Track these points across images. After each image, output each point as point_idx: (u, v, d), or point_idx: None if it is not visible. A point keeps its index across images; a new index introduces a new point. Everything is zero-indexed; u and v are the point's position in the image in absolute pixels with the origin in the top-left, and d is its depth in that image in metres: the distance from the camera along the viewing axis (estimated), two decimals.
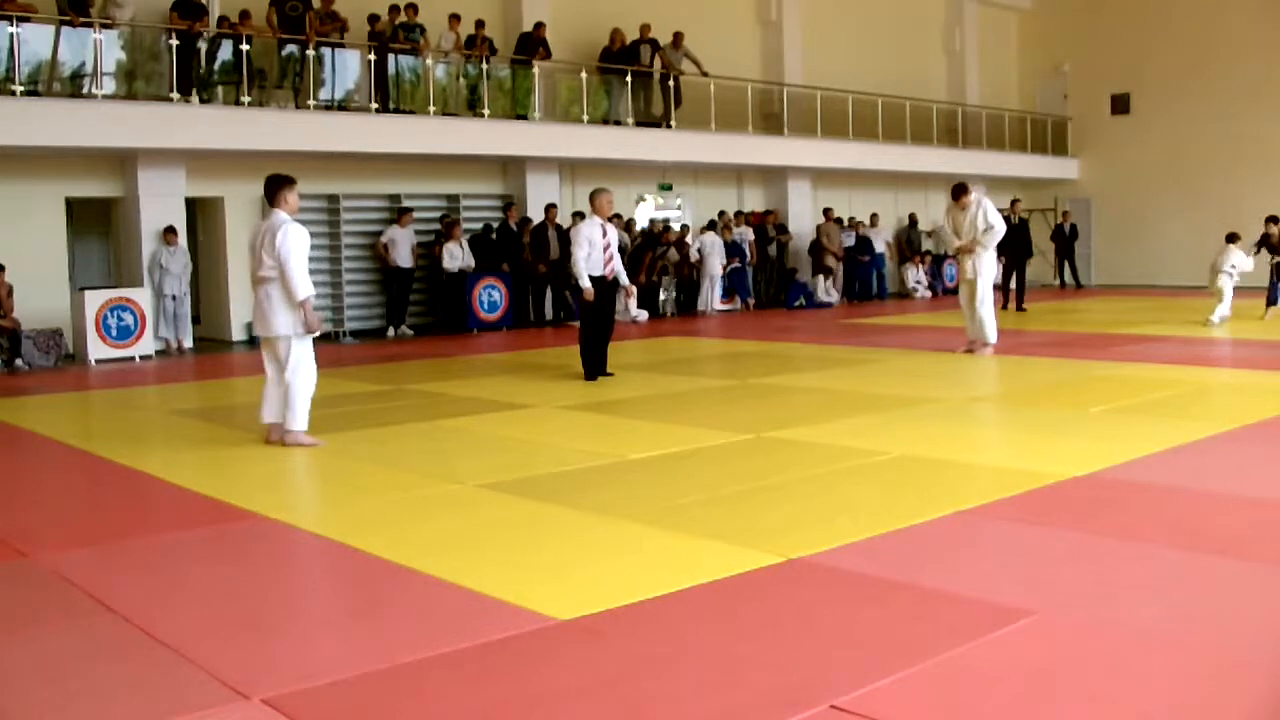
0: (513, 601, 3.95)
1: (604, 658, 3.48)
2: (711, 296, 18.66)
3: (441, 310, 16.32)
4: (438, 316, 16.40)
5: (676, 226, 19.11)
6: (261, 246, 7.10)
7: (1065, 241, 22.67)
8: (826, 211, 20.68)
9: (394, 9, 15.42)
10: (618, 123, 17.65)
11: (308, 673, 3.37)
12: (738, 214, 19.95)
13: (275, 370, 7.29)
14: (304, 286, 7.05)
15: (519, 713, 3.08)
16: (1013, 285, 17.25)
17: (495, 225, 16.67)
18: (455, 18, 15.92)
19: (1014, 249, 16.71)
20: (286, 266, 6.98)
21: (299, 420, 7.16)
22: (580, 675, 3.33)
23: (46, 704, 3.21)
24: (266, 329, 7.20)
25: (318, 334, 7.33)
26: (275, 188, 7.23)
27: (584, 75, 17.29)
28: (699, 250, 18.54)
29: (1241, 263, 13.95)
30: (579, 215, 15.95)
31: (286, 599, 4.28)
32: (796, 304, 19.77)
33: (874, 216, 21.90)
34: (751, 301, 19.43)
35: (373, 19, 15.27)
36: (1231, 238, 14.31)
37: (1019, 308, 17.00)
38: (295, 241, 7.03)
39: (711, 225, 19.02)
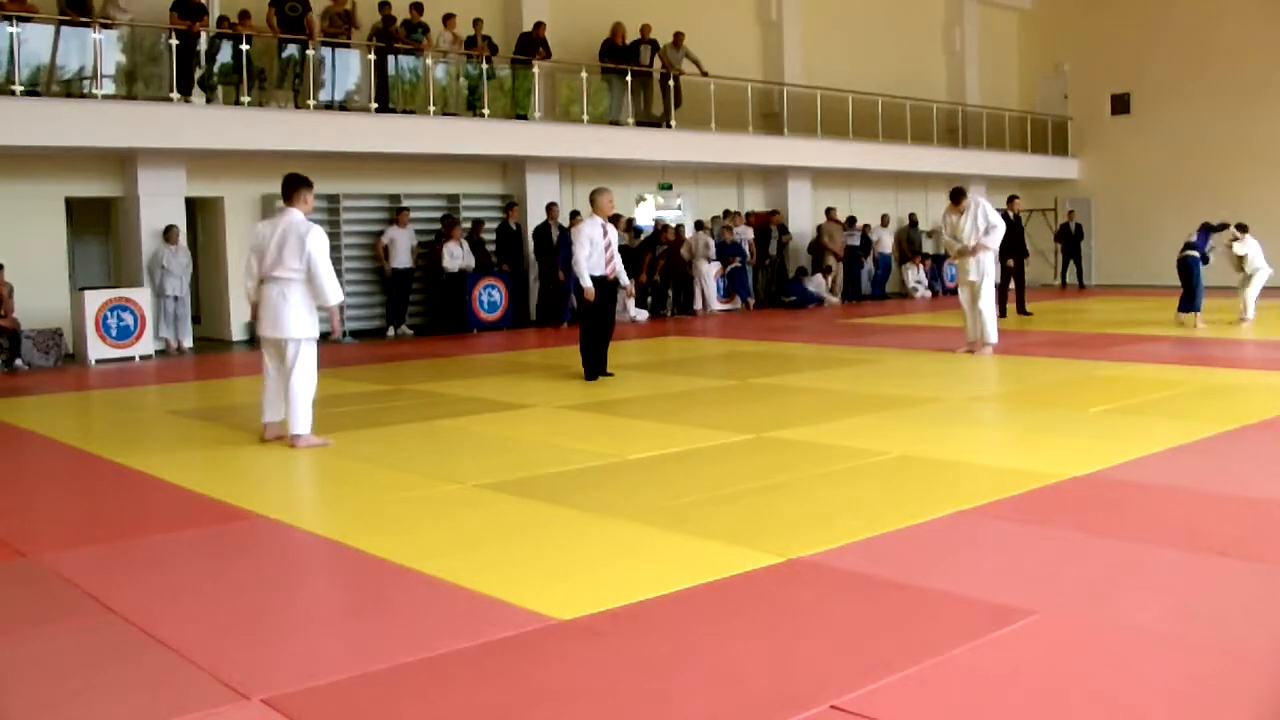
0: (513, 601, 3.95)
1: (604, 658, 3.47)
2: (706, 296, 18.65)
3: (440, 311, 16.28)
4: (434, 317, 16.35)
5: (672, 225, 19.07)
6: (284, 246, 7.01)
7: (1071, 241, 22.66)
8: (829, 211, 20.71)
9: (384, 4, 15.39)
10: (617, 123, 17.65)
11: (308, 673, 3.37)
12: (732, 213, 19.93)
13: (277, 369, 7.27)
14: (336, 291, 7.08)
15: (519, 713, 3.08)
16: (1011, 287, 16.92)
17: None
18: (450, 17, 15.91)
19: (1014, 248, 16.50)
20: (317, 271, 6.96)
21: (303, 423, 7.12)
22: (580, 675, 3.33)
23: (47, 704, 3.21)
24: (278, 330, 7.10)
25: (336, 336, 7.30)
26: (294, 187, 7.19)
27: (584, 75, 17.29)
28: (688, 250, 18.54)
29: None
30: (576, 215, 15.98)
31: (286, 599, 4.28)
32: (793, 299, 19.79)
33: (884, 217, 22.24)
34: (751, 301, 19.44)
35: (383, 7, 15.26)
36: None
37: (1021, 311, 16.49)
38: (323, 246, 7.04)
39: (699, 225, 19.03)
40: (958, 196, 11.65)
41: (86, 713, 3.15)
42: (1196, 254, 13.82)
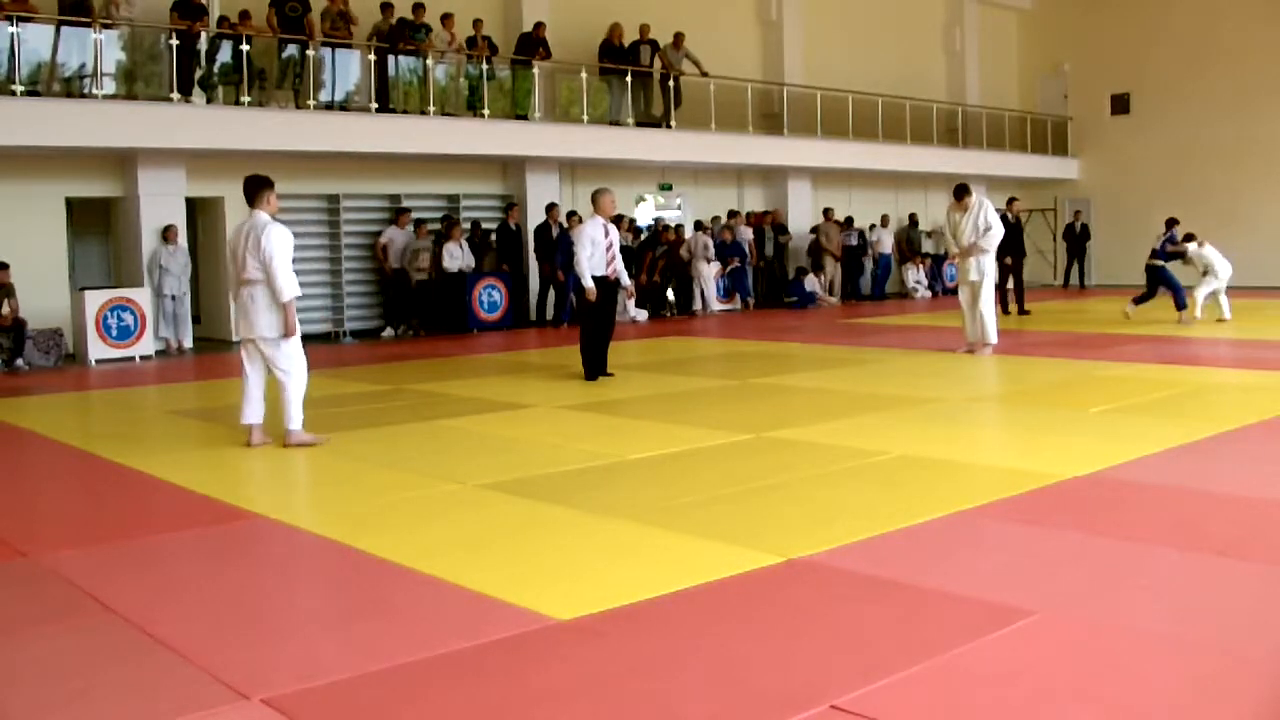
0: (513, 601, 3.95)
1: (604, 658, 3.48)
2: (706, 296, 18.64)
3: (438, 311, 16.21)
4: (432, 318, 16.27)
5: (672, 225, 19.06)
6: (246, 249, 7.05)
7: (1076, 241, 22.66)
8: (826, 212, 20.73)
9: (387, 6, 15.39)
10: (617, 123, 17.65)
11: (308, 673, 3.37)
12: (732, 213, 19.93)
13: (256, 372, 7.24)
14: (290, 288, 7.03)
15: (519, 713, 3.08)
16: (1010, 286, 17.03)
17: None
18: (449, 17, 15.90)
19: (1012, 249, 16.58)
20: (272, 268, 6.96)
21: (295, 418, 7.14)
22: (580, 675, 3.33)
23: (46, 704, 3.21)
24: (251, 330, 7.14)
25: (290, 335, 7.25)
26: (256, 189, 7.18)
27: (584, 75, 17.29)
28: (688, 250, 18.54)
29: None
30: (573, 215, 15.98)
31: (286, 599, 4.28)
32: (794, 299, 19.81)
33: (884, 217, 22.28)
34: (751, 301, 19.44)
35: (385, 8, 15.27)
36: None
37: (1021, 310, 16.63)
38: (280, 243, 7.01)
39: (699, 225, 19.04)
40: (961, 193, 11.66)
41: (86, 713, 3.15)
42: (1157, 262, 14.80)
